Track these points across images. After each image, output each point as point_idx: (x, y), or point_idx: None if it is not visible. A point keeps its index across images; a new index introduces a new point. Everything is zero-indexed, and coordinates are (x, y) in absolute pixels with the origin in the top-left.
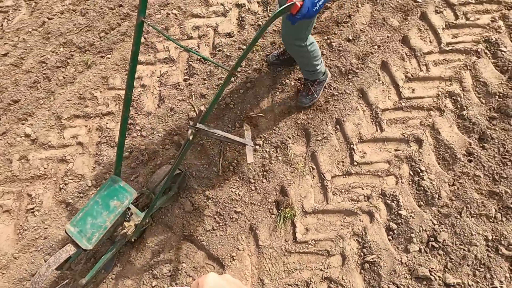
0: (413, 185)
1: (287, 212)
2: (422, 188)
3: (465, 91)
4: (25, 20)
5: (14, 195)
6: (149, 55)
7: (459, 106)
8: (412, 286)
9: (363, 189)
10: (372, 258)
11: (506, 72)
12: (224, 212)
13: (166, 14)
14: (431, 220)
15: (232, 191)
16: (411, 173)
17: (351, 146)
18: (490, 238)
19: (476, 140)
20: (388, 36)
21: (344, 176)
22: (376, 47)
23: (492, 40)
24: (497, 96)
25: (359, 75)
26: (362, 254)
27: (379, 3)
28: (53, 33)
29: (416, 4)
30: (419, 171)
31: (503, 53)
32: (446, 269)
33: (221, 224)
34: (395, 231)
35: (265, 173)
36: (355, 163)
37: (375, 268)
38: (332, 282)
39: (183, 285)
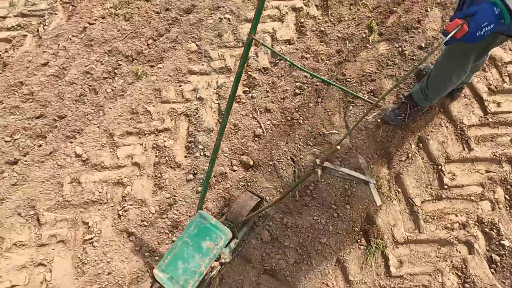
0: None
1: (379, 243)
2: None
3: None
4: (63, 25)
5: (68, 223)
6: (203, 64)
7: None
8: None
9: (457, 215)
10: None
11: None
12: (307, 243)
13: (218, 19)
14: None
15: (313, 219)
16: (507, 197)
17: (439, 167)
18: None
19: None
20: None
21: (434, 201)
22: None
23: None
24: None
25: None
26: None
27: (450, 8)
28: (96, 40)
29: None
30: None
31: None
32: None
33: (305, 256)
34: (499, 264)
35: (347, 198)
36: (445, 186)
37: None
38: None
39: None
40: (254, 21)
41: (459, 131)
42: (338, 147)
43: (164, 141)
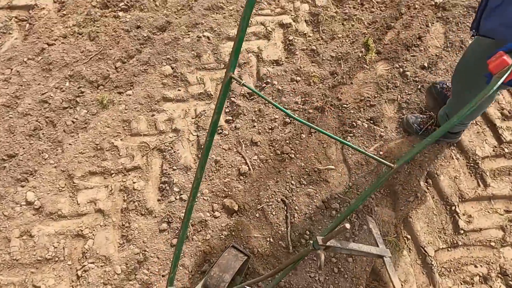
0: None
1: None
2: None
3: None
4: (18, 46)
5: (15, 287)
6: (179, 90)
7: None
8: None
9: (476, 266)
10: None
11: None
12: None
13: (196, 38)
14: None
15: (310, 276)
16: None
17: (452, 207)
18: None
19: None
20: None
21: (449, 249)
22: None
23: None
24: None
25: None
26: None
27: (453, 22)
28: (56, 64)
29: None
30: None
31: None
32: None
33: None
34: None
35: None
36: (461, 231)
37: None
38: None
39: None
40: (231, 59)
41: (472, 164)
42: (347, 226)
43: (134, 182)
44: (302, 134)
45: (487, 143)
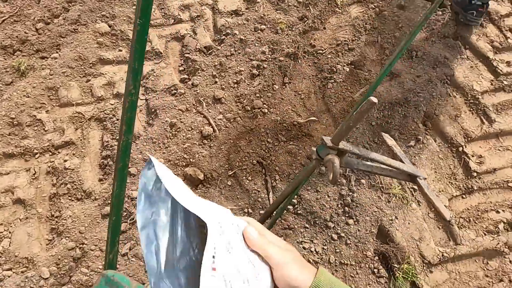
0: None
1: (406, 270)
2: None
3: None
4: None
5: None
6: (120, 50)
7: None
8: None
9: (498, 212)
10: None
11: None
12: None
13: None
14: None
15: (303, 247)
16: None
17: (460, 149)
18: None
19: None
20: None
21: (464, 196)
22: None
23: None
24: None
25: (432, 52)
26: None
27: None
28: None
29: None
30: None
31: None
32: None
33: None
34: None
35: (347, 208)
36: (474, 174)
37: None
38: None
39: None
40: None
41: (471, 100)
42: (374, 99)
43: (65, 161)
44: (274, 85)
45: (483, 78)
